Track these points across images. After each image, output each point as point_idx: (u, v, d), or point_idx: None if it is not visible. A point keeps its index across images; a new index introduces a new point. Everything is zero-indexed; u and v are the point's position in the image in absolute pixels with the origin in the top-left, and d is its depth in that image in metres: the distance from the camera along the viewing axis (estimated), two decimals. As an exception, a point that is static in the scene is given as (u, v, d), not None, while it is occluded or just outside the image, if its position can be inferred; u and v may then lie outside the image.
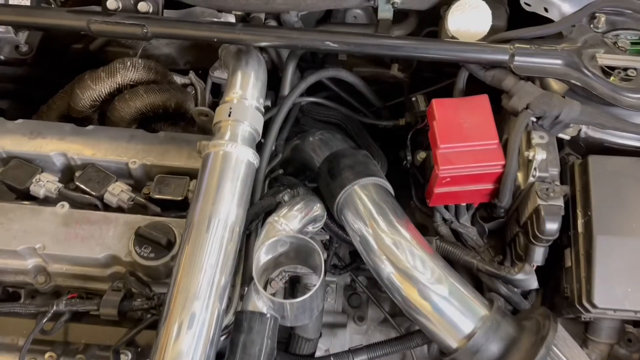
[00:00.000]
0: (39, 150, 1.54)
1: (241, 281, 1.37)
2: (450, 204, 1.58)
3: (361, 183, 1.44)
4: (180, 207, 1.48)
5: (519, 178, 1.44)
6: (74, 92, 1.76)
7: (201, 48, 2.04)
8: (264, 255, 1.30)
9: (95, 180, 1.50)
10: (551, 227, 1.34)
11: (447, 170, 1.40)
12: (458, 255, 1.51)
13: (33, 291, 1.45)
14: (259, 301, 1.27)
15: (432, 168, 1.45)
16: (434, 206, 1.58)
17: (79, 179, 1.50)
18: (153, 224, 1.39)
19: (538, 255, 1.41)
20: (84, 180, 1.50)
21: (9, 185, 1.50)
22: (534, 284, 1.44)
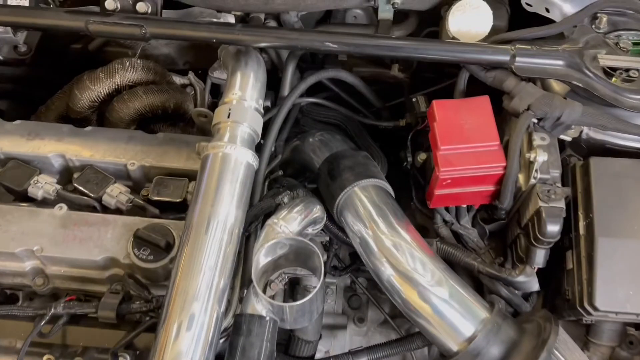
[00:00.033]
0: (37, 151, 1.54)
1: (240, 283, 1.36)
2: (450, 206, 1.57)
3: (361, 184, 1.43)
4: (179, 209, 1.48)
5: (520, 180, 1.43)
6: (73, 93, 1.75)
7: (201, 48, 2.03)
8: (263, 257, 1.29)
9: (93, 181, 1.50)
10: (552, 229, 1.33)
11: (448, 172, 1.39)
12: (459, 257, 1.51)
13: (31, 293, 1.45)
14: (258, 304, 1.26)
15: (433, 169, 1.44)
16: (435, 208, 1.57)
17: (77, 181, 1.50)
18: (152, 226, 1.38)
19: (539, 257, 1.40)
20: (82, 181, 1.49)
21: (7, 186, 1.50)
22: (535, 286, 1.44)
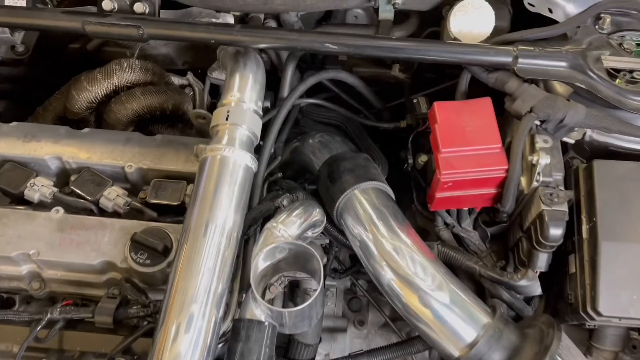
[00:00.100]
0: (34, 153, 1.52)
1: (239, 287, 1.35)
2: (452, 209, 1.56)
3: (361, 187, 1.42)
4: (177, 212, 1.46)
5: (522, 182, 1.41)
6: (70, 94, 1.74)
7: (200, 48, 2.01)
8: (262, 262, 1.28)
9: (90, 184, 1.48)
10: (555, 233, 1.31)
11: (449, 174, 1.37)
12: (460, 260, 1.50)
13: (28, 297, 1.44)
14: (257, 309, 1.25)
15: (434, 172, 1.42)
16: (436, 210, 1.55)
17: (74, 183, 1.48)
18: (149, 230, 1.37)
19: (541, 261, 1.38)
20: (79, 184, 1.48)
21: (3, 189, 1.48)
22: (538, 291, 1.43)
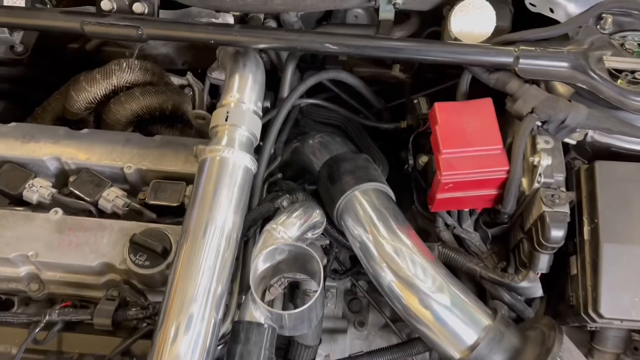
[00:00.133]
0: (32, 154, 1.52)
1: (239, 289, 1.34)
2: (452, 210, 1.55)
3: (362, 188, 1.41)
4: (176, 213, 1.46)
5: (524, 184, 1.40)
6: (69, 94, 1.73)
7: (200, 48, 2.00)
8: (262, 263, 1.27)
9: (89, 185, 1.48)
10: (556, 235, 1.31)
11: (450, 176, 1.37)
12: (461, 261, 1.49)
13: (26, 298, 1.43)
14: (257, 311, 1.24)
15: (434, 172, 1.41)
16: (436, 211, 1.54)
17: (73, 184, 1.48)
18: (148, 231, 1.37)
19: (543, 262, 1.38)
20: (78, 185, 1.48)
21: (2, 190, 1.48)
22: (539, 292, 1.42)
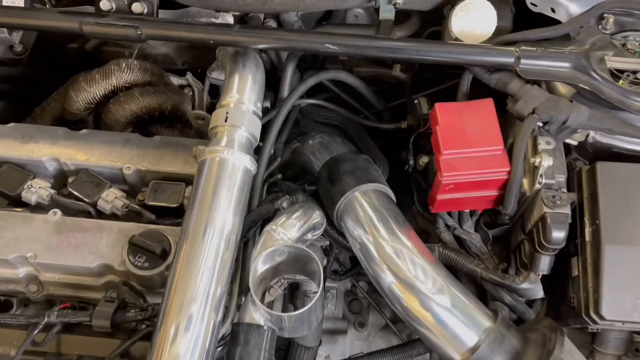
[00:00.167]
0: (31, 155, 1.51)
1: (238, 290, 1.34)
2: (453, 211, 1.54)
3: (362, 189, 1.41)
4: (175, 214, 1.45)
5: (525, 185, 1.40)
6: (68, 95, 1.72)
7: (199, 48, 1.99)
8: (261, 265, 1.26)
9: (88, 186, 1.47)
10: (558, 236, 1.30)
11: (451, 177, 1.36)
12: (461, 263, 1.49)
13: (25, 300, 1.43)
14: (256, 313, 1.23)
15: (435, 173, 1.41)
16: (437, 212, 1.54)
17: (72, 185, 1.47)
18: (147, 232, 1.36)
19: (544, 264, 1.37)
20: (77, 186, 1.47)
21: (0, 191, 1.47)
22: (540, 294, 1.42)
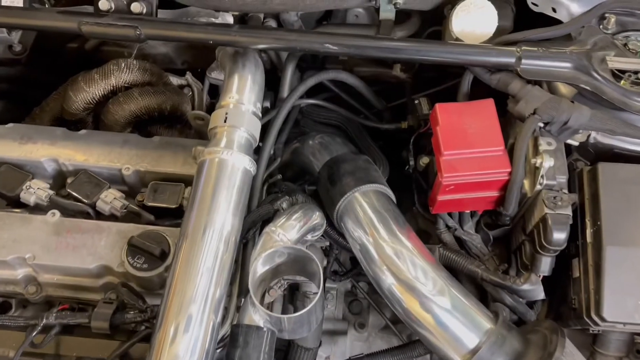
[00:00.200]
0: (30, 155, 1.51)
1: (238, 291, 1.33)
2: (453, 212, 1.53)
3: (362, 190, 1.40)
4: (175, 215, 1.45)
5: (526, 185, 1.39)
6: (67, 95, 1.72)
7: (199, 47, 1.99)
8: (261, 266, 1.26)
9: (87, 187, 1.46)
10: (559, 237, 1.30)
11: (451, 177, 1.35)
12: (462, 264, 1.48)
13: (24, 301, 1.42)
14: (256, 314, 1.23)
15: (436, 174, 1.40)
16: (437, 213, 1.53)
17: (71, 186, 1.47)
18: (146, 234, 1.36)
19: (545, 265, 1.37)
20: (76, 187, 1.46)
21: (-1, 192, 1.46)
22: (541, 295, 1.41)
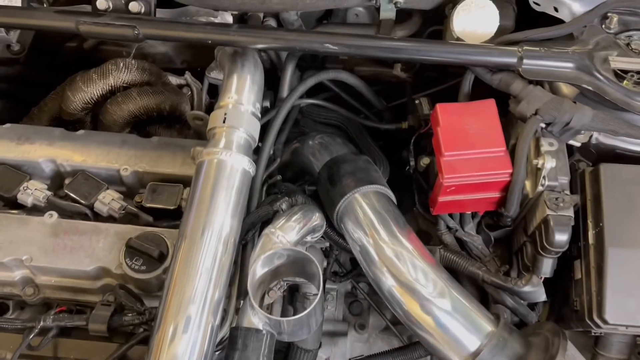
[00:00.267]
0: (27, 156, 1.50)
1: (237, 293, 1.32)
2: (454, 213, 1.52)
3: (362, 191, 1.39)
4: (173, 216, 1.43)
5: (527, 187, 1.38)
6: (65, 94, 1.71)
7: (199, 47, 1.98)
8: (260, 268, 1.25)
9: (85, 188, 1.45)
10: (560, 239, 1.28)
11: (452, 178, 1.34)
12: (463, 265, 1.47)
13: (21, 302, 1.41)
14: (255, 317, 1.22)
15: (436, 174, 1.39)
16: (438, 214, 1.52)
17: (69, 187, 1.46)
18: (145, 235, 1.35)
19: (546, 266, 1.35)
20: (74, 188, 1.45)
21: (-4, 193, 1.45)
22: (542, 297, 1.40)
